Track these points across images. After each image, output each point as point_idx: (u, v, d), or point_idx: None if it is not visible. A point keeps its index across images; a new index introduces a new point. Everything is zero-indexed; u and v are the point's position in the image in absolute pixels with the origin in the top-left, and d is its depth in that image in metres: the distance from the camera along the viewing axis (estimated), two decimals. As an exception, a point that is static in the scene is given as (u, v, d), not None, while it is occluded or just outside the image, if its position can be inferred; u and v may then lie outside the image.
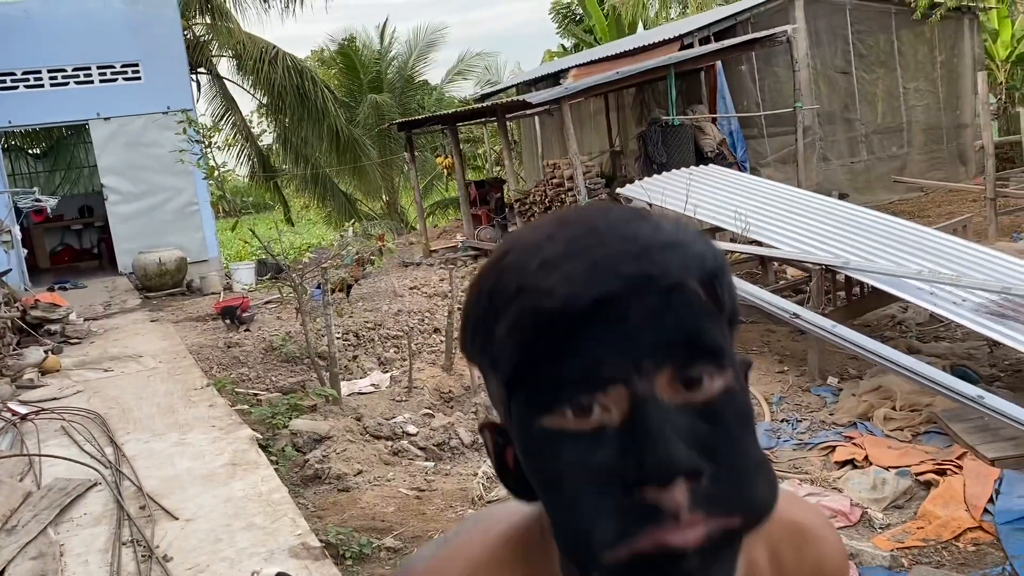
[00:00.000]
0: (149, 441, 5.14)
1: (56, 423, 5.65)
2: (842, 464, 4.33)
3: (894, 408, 4.81)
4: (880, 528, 3.66)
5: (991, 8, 14.45)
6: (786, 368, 5.95)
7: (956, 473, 3.92)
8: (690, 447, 0.55)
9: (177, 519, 3.83)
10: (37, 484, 4.42)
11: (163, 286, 11.46)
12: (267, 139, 19.25)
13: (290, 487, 4.25)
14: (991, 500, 3.63)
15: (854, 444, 4.48)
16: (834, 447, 4.52)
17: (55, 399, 6.43)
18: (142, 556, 3.45)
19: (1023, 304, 4.65)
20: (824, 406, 5.23)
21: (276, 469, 4.47)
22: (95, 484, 4.38)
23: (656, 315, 0.56)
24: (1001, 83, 17.48)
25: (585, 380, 0.56)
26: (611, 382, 0.56)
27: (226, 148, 14.83)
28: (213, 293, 10.35)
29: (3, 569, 3.34)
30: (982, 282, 4.76)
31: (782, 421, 5.10)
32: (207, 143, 6.50)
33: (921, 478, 3.98)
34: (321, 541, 3.49)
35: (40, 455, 4.81)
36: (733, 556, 0.61)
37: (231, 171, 19.78)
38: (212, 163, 6.54)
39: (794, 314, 5.40)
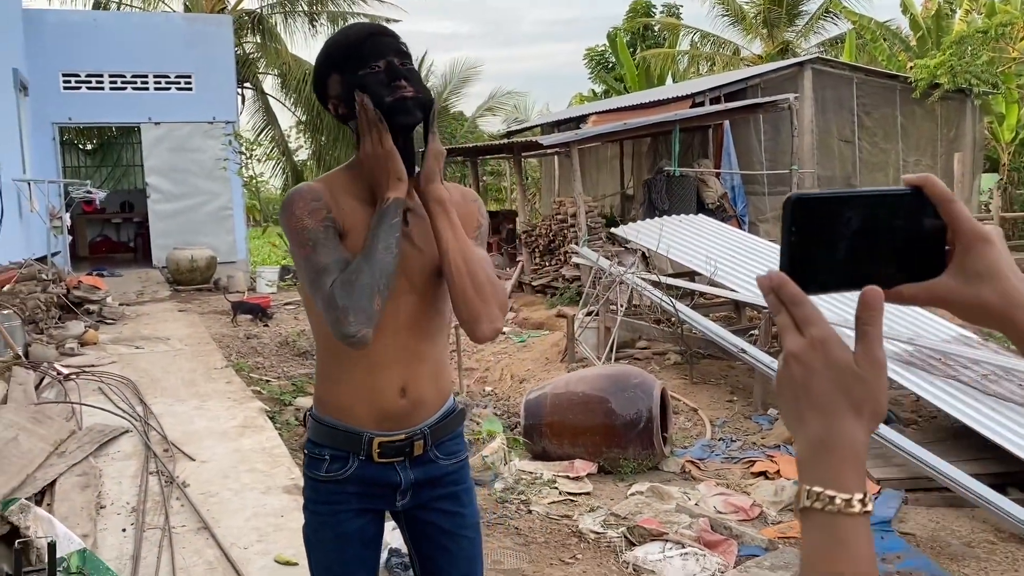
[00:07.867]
0: (173, 404, 5.97)
1: (94, 384, 6.50)
2: (757, 475, 5.07)
3: (813, 435, 5.55)
4: (772, 524, 4.41)
5: (989, 93, 15.22)
6: (735, 399, 6.70)
7: (844, 487, 4.67)
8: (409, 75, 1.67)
9: (194, 460, 4.65)
10: (79, 427, 5.26)
11: (192, 281, 12.39)
12: (302, 155, 20.29)
13: (289, 449, 5.05)
14: (864, 508, 4.38)
15: (771, 460, 5.23)
16: (754, 462, 5.27)
17: (93, 366, 7.29)
18: (165, 482, 4.26)
19: (930, 355, 5.40)
20: (759, 431, 5.98)
21: (279, 433, 5.28)
22: (127, 431, 5.20)
23: (390, 40, 1.68)
24: (1004, 164, 18.19)
25: (375, 57, 1.64)
26: (382, 56, 1.65)
27: (264, 160, 15.81)
28: (238, 291, 11.22)
29: (55, 480, 4.16)
30: (896, 333, 5.52)
31: (719, 439, 5.85)
32: (248, 154, 7.35)
33: (816, 489, 4.73)
34: (309, 485, 4.27)
35: (81, 403, 5.65)
36: (425, 117, 1.67)
37: (266, 181, 20.81)
38: (251, 173, 7.38)
39: (742, 349, 6.17)
